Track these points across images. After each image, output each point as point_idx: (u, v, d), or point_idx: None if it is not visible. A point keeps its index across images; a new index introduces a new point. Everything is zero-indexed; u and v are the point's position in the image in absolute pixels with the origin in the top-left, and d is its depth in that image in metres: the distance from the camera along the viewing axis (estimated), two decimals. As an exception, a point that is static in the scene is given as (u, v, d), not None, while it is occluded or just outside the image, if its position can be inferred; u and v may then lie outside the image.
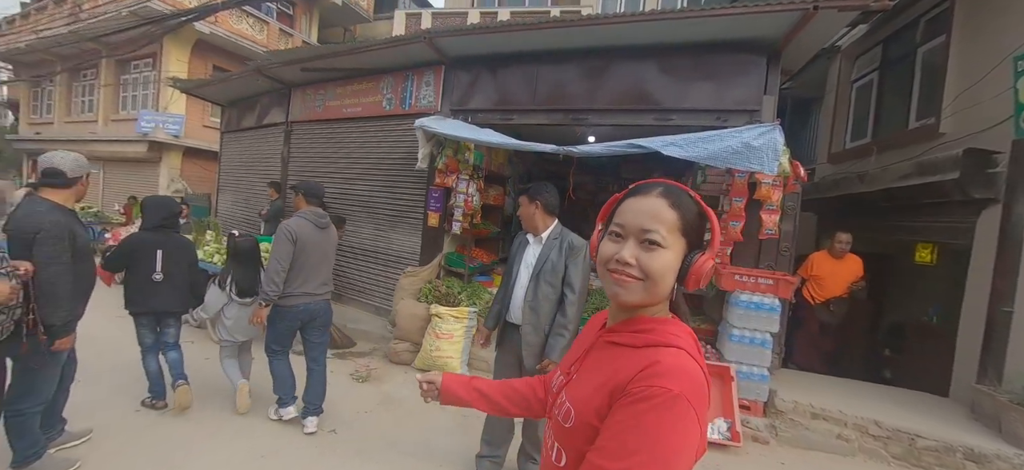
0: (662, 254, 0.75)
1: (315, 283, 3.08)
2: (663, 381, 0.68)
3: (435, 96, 5.17)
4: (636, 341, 0.77)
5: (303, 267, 3.00)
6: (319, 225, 3.11)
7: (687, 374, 0.69)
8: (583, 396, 0.79)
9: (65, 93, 15.01)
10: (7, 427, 2.34)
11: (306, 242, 2.99)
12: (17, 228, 2.19)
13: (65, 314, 2.30)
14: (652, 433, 0.66)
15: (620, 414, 0.70)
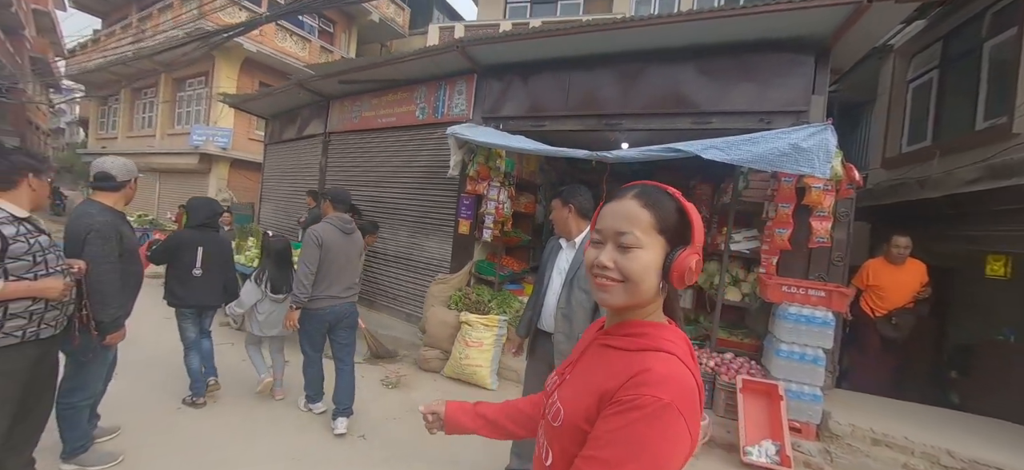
0: (638, 255, 0.75)
1: (340, 287, 3.15)
2: (653, 390, 0.67)
3: (467, 104, 5.20)
4: (629, 345, 0.76)
5: (329, 271, 3.08)
6: (345, 230, 3.19)
7: (678, 382, 0.68)
8: (573, 397, 0.78)
9: (128, 110, 16.22)
10: (59, 418, 2.45)
11: (332, 247, 3.07)
12: (71, 228, 2.32)
13: (114, 311, 2.41)
14: (641, 442, 0.65)
15: (610, 422, 0.68)
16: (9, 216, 1.95)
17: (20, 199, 2.01)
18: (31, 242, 1.98)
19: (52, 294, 2.01)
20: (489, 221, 4.78)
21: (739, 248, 4.16)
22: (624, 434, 0.66)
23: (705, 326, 4.68)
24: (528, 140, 4.35)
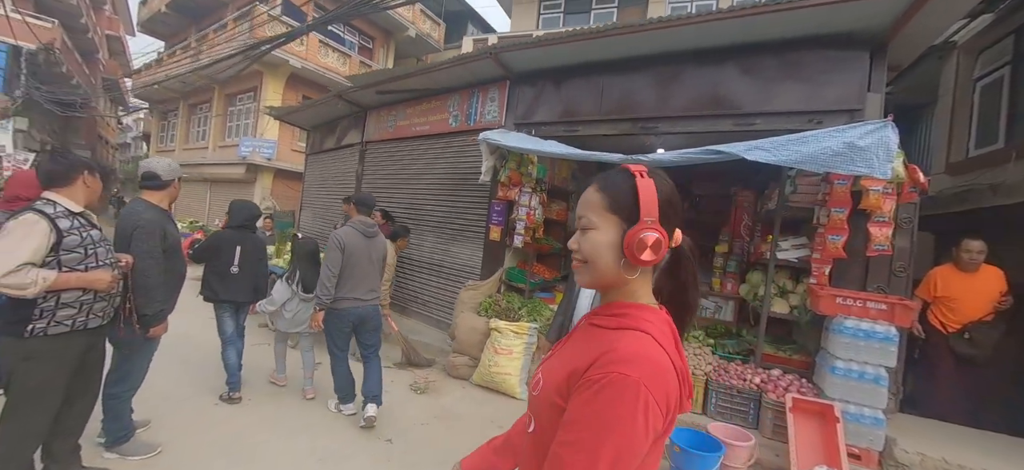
0: (592, 235, 0.78)
1: (363, 289, 3.24)
2: (620, 367, 0.67)
3: (500, 111, 5.19)
4: (608, 324, 0.77)
5: (352, 273, 3.17)
6: (367, 234, 3.28)
7: (646, 359, 0.68)
8: (552, 370, 0.80)
9: (185, 124, 17.37)
10: (104, 408, 2.55)
11: (354, 250, 3.17)
12: (120, 225, 2.44)
13: (158, 304, 2.50)
14: (607, 420, 0.65)
15: (579, 400, 0.69)
16: (66, 210, 2.05)
17: (76, 195, 2.11)
18: (83, 235, 2.08)
19: (101, 286, 2.10)
20: (520, 227, 4.72)
21: (786, 257, 3.89)
22: (591, 411, 0.67)
23: (748, 340, 4.40)
24: (560, 145, 4.28)
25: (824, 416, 3.07)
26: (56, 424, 2.17)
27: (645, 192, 0.76)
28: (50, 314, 1.99)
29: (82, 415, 2.31)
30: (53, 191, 2.07)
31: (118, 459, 2.57)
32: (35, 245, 1.91)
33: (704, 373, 3.72)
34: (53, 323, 2.00)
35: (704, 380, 3.70)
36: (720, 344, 4.29)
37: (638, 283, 0.79)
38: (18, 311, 1.94)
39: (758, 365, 3.81)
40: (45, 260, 1.95)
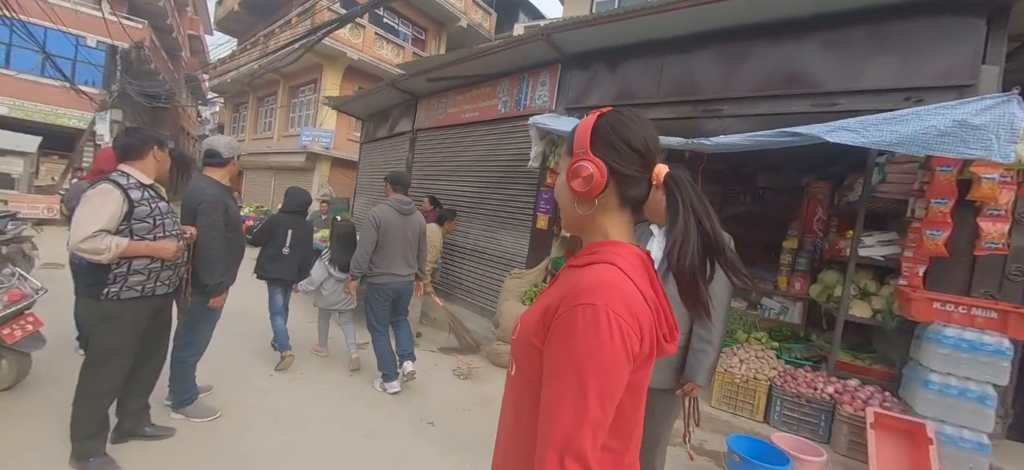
0: (557, 180, 0.84)
1: (400, 264, 3.40)
2: (585, 297, 0.67)
3: (550, 95, 5.03)
4: (581, 261, 0.77)
5: (388, 250, 3.32)
6: (402, 211, 3.40)
7: (608, 285, 0.68)
8: (530, 313, 0.79)
9: (253, 115, 18.60)
10: (171, 371, 2.71)
11: (389, 227, 3.31)
12: (186, 200, 2.56)
13: (219, 276, 2.61)
14: (578, 351, 0.65)
15: (551, 341, 0.70)
16: (137, 182, 2.17)
17: (147, 168, 2.23)
18: (152, 207, 2.19)
19: (167, 255, 2.21)
20: (568, 215, 4.55)
21: (870, 254, 3.45)
22: (566, 350, 0.67)
23: (819, 345, 4.00)
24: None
25: (913, 436, 2.70)
26: (128, 383, 2.32)
27: (580, 127, 0.78)
28: (123, 279, 2.11)
29: (151, 376, 2.46)
30: (127, 164, 2.19)
31: (183, 420, 2.73)
32: (110, 213, 2.02)
33: (767, 378, 3.41)
34: (125, 288, 2.12)
35: (767, 385, 3.39)
36: (785, 348, 3.93)
37: (606, 220, 0.80)
38: (95, 275, 2.08)
39: (831, 373, 3.43)
40: (118, 228, 2.07)
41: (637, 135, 0.76)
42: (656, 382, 1.90)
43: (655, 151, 0.78)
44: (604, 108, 0.81)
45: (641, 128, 0.77)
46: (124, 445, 2.41)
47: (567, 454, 0.63)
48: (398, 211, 3.38)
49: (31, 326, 2.79)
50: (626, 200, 0.79)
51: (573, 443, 0.64)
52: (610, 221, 0.79)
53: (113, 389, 2.20)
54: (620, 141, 0.76)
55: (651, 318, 0.71)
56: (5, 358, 2.77)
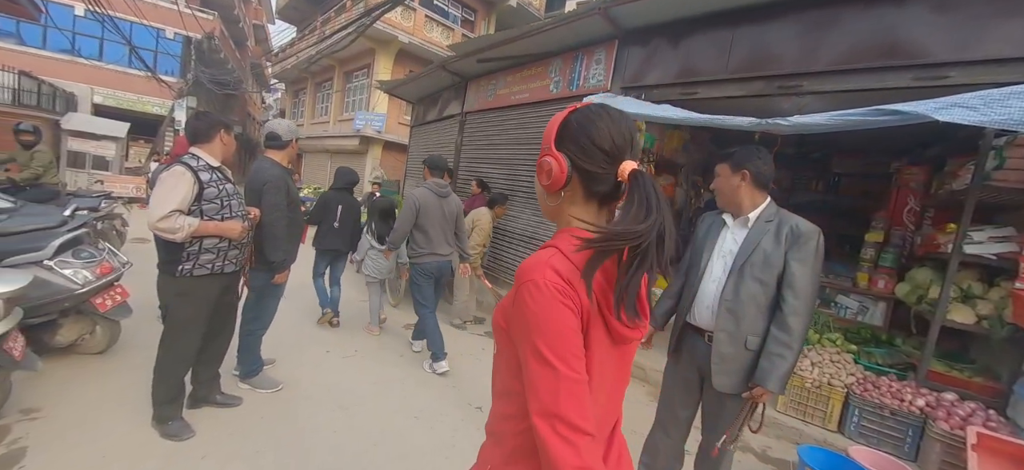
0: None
1: (441, 243, 3.54)
2: (524, 277, 0.74)
3: (605, 74, 4.79)
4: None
5: (428, 231, 3.47)
6: (439, 194, 3.54)
7: (543, 262, 0.74)
8: (507, 297, 0.83)
9: (311, 101, 19.45)
10: (240, 343, 2.87)
11: (428, 209, 3.44)
12: (250, 181, 2.65)
13: (283, 253, 2.71)
14: (531, 325, 0.72)
15: (511, 320, 0.78)
16: (206, 164, 2.26)
17: (214, 151, 2.32)
18: (220, 188, 2.27)
19: (234, 234, 2.29)
20: (622, 201, 4.34)
21: (979, 252, 3.01)
22: (521, 328, 0.74)
23: (905, 351, 3.59)
24: (676, 109, 3.79)
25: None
26: (200, 353, 2.46)
27: (550, 123, 0.82)
28: (195, 257, 2.22)
29: (221, 348, 2.60)
30: (197, 147, 2.28)
31: (249, 390, 2.89)
32: (182, 194, 2.12)
33: (843, 384, 3.10)
34: (197, 266, 2.23)
35: (843, 392, 3.08)
36: (865, 352, 3.56)
37: (573, 211, 0.84)
38: (171, 253, 2.20)
39: (921, 384, 3.06)
40: (190, 208, 2.17)
41: (603, 133, 0.78)
42: (723, 386, 1.74)
43: (623, 147, 0.79)
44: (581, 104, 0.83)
45: (608, 125, 0.79)
46: (198, 411, 2.58)
47: (555, 420, 0.68)
48: (436, 194, 3.52)
49: (119, 296, 3.04)
50: (592, 194, 0.82)
51: (555, 408, 0.69)
52: (577, 212, 0.83)
53: (187, 359, 2.34)
54: (585, 138, 0.79)
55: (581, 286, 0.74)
56: (99, 325, 3.04)
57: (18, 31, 14.97)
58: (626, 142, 0.79)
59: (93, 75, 15.12)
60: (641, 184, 0.75)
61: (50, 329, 2.84)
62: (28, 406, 2.43)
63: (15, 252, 2.64)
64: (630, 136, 0.80)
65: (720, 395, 1.77)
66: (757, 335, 1.69)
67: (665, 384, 2.04)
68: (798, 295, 1.63)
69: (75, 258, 2.81)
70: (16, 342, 2.17)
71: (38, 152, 5.55)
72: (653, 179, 0.77)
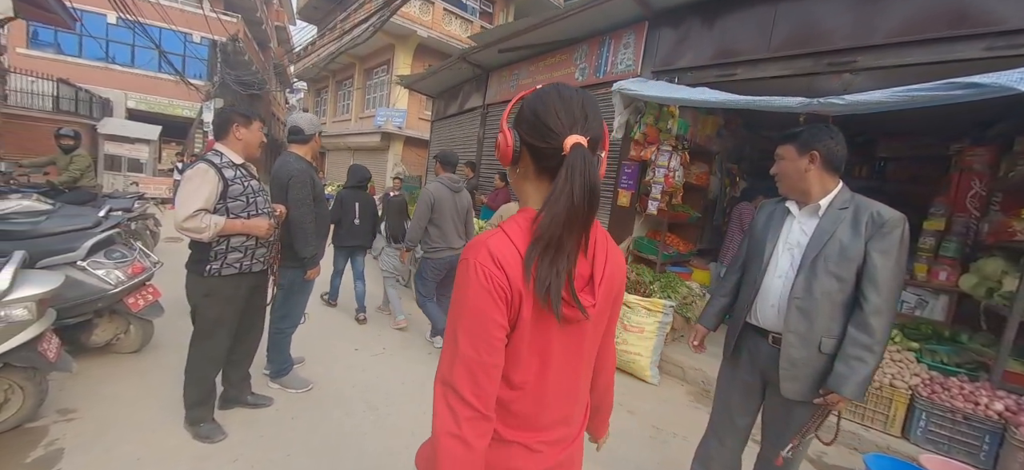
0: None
1: (454, 237, 3.58)
2: (463, 254, 0.80)
3: (635, 58, 4.58)
4: None
5: (442, 225, 3.50)
6: (453, 189, 3.57)
7: (481, 243, 0.78)
8: None
9: (333, 99, 19.67)
10: (269, 342, 2.82)
11: (442, 203, 3.48)
12: (275, 176, 2.58)
13: (312, 249, 2.65)
14: (456, 297, 0.79)
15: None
16: (230, 161, 2.19)
17: (234, 146, 2.24)
18: (245, 185, 2.20)
19: (260, 232, 2.22)
20: (656, 191, 4.15)
21: (1066, 239, 2.71)
22: (451, 302, 0.82)
23: (973, 349, 3.29)
24: (714, 92, 3.57)
25: None
26: (230, 354, 2.42)
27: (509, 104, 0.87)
28: (222, 257, 2.16)
29: (250, 348, 2.56)
30: (220, 144, 2.21)
31: (279, 389, 2.85)
32: (207, 192, 2.05)
33: (908, 385, 2.85)
34: (225, 265, 2.17)
35: (907, 395, 2.83)
36: (927, 350, 3.28)
37: (528, 187, 0.86)
38: (198, 252, 2.14)
39: (997, 386, 2.79)
40: (215, 207, 2.11)
41: (550, 110, 0.79)
42: (793, 392, 1.56)
43: (570, 125, 0.79)
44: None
45: (556, 102, 0.80)
46: (230, 412, 2.54)
47: (447, 388, 0.77)
48: (449, 188, 3.55)
49: (151, 296, 3.04)
50: (543, 170, 0.83)
51: (449, 378, 0.77)
52: (531, 188, 0.86)
53: (217, 360, 2.30)
54: (532, 115, 0.81)
55: (519, 272, 0.76)
56: (132, 324, 3.06)
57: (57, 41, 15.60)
58: (574, 120, 0.79)
59: (126, 81, 15.64)
60: (570, 162, 0.76)
61: (86, 329, 2.87)
62: (65, 406, 2.44)
63: (51, 253, 2.66)
64: (582, 114, 0.80)
65: (787, 402, 1.59)
66: (832, 337, 1.51)
67: (721, 389, 1.87)
68: (880, 291, 1.44)
69: (107, 258, 2.81)
70: (50, 343, 2.16)
71: (77, 156, 5.70)
72: (589, 156, 0.77)
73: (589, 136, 0.79)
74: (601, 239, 0.86)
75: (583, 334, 0.86)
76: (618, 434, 2.82)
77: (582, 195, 0.74)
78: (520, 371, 0.81)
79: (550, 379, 0.84)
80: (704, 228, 5.75)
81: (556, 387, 0.85)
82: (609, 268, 0.85)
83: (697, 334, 2.00)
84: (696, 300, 4.08)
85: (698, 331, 2.01)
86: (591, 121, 0.80)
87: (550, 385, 0.84)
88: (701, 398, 3.45)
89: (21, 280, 1.99)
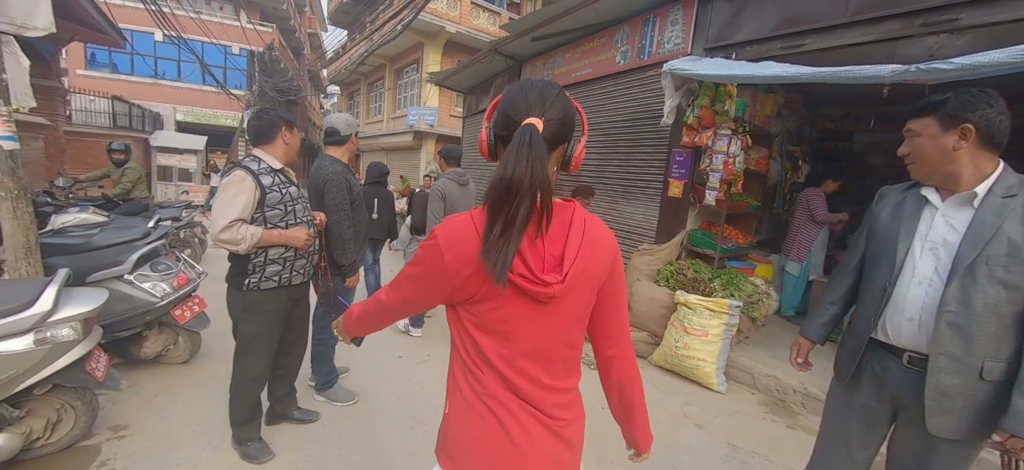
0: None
1: None
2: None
3: (684, 36, 4.21)
4: None
5: None
6: (460, 183, 3.59)
7: (447, 223, 0.88)
8: None
9: (365, 101, 19.96)
10: (313, 354, 2.73)
11: (453, 199, 3.51)
12: (311, 181, 2.46)
13: (351, 255, 2.51)
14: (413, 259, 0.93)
15: None
16: (268, 167, 2.07)
17: (277, 152, 2.12)
18: (283, 192, 2.08)
19: (299, 243, 2.09)
20: (714, 180, 3.79)
21: None
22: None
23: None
24: (783, 66, 3.18)
25: None
26: (274, 368, 2.32)
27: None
28: (261, 270, 2.04)
29: (295, 363, 2.45)
30: (259, 149, 2.09)
31: (325, 402, 2.75)
32: (244, 201, 1.94)
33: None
34: (264, 279, 2.05)
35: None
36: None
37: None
38: (237, 265, 2.04)
39: None
40: (252, 217, 1.99)
41: (511, 102, 0.86)
42: (942, 428, 1.25)
43: (524, 110, 0.84)
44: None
45: (517, 94, 0.86)
46: (277, 428, 2.46)
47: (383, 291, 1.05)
48: (457, 182, 3.57)
49: (197, 307, 3.01)
50: None
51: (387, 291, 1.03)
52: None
53: (259, 376, 2.19)
54: (499, 109, 0.89)
55: (476, 248, 0.83)
56: (181, 335, 3.04)
57: (112, 61, 16.59)
58: (531, 105, 0.84)
59: (174, 95, 16.44)
60: (514, 139, 0.80)
61: (136, 342, 2.87)
62: (117, 422, 2.42)
63: (99, 267, 2.65)
64: (539, 100, 0.84)
65: (931, 439, 1.28)
66: (1000, 360, 1.18)
67: (833, 415, 1.56)
68: None
69: (153, 271, 2.79)
70: (99, 361, 2.12)
71: (128, 168, 5.90)
72: (536, 133, 0.79)
73: (545, 118, 0.83)
74: (578, 222, 0.88)
75: (558, 313, 0.87)
76: (689, 451, 2.56)
77: (524, 166, 0.77)
78: (492, 341, 0.88)
79: (523, 352, 0.88)
80: (763, 218, 5.30)
81: (532, 363, 0.89)
82: (586, 250, 0.86)
83: (801, 349, 1.69)
84: (762, 298, 3.71)
85: (802, 345, 1.70)
86: (549, 107, 0.84)
87: (524, 359, 0.88)
88: (776, 409, 3.10)
89: (65, 299, 1.94)
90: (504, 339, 0.87)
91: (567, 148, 0.89)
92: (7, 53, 2.55)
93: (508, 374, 0.88)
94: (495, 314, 0.85)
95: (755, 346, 3.79)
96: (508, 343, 0.87)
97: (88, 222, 4.00)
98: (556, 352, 0.91)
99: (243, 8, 16.51)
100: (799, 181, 5.43)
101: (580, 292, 0.88)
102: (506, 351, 0.87)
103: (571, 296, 0.86)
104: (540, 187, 0.78)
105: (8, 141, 2.53)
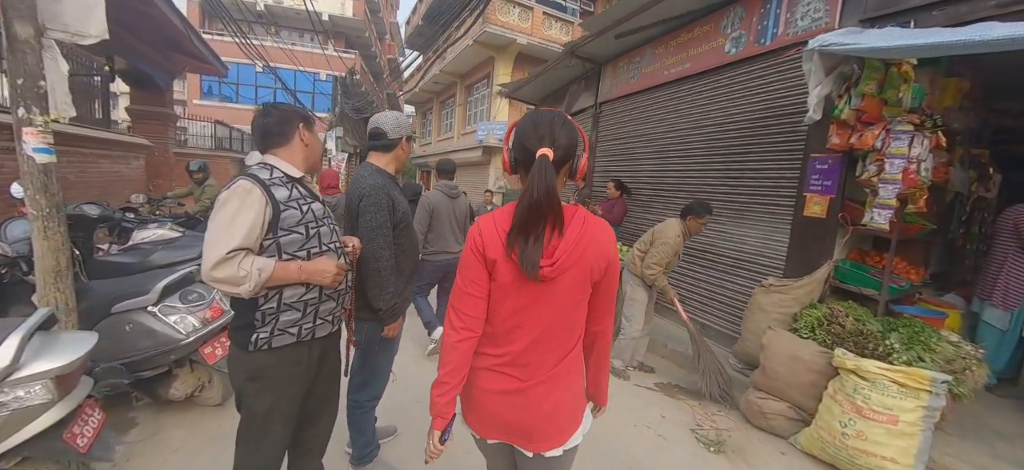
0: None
1: (450, 241, 3.63)
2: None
3: (829, 7, 3.22)
4: None
5: (440, 230, 3.58)
6: (450, 195, 3.64)
7: (480, 218, 1.17)
8: None
9: (437, 119, 20.30)
10: (348, 419, 2.14)
11: (440, 210, 3.55)
12: (347, 197, 1.89)
13: (391, 296, 1.90)
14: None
15: None
16: (283, 175, 1.53)
17: (293, 156, 1.58)
18: (304, 209, 1.52)
19: (325, 279, 1.52)
20: (888, 193, 2.72)
21: None
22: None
23: None
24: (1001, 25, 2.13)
25: None
26: (295, 445, 1.75)
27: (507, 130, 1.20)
28: (273, 319, 1.48)
29: (322, 434, 1.86)
30: (270, 153, 1.56)
31: (364, 479, 2.15)
32: (250, 222, 1.39)
33: None
34: (276, 331, 1.49)
35: None
36: None
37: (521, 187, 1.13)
38: (240, 315, 1.49)
39: None
40: (262, 244, 1.44)
41: (523, 133, 1.12)
42: None
43: (537, 141, 1.09)
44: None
45: (530, 126, 1.11)
46: (300, 516, 1.88)
47: (451, 309, 1.19)
48: (447, 195, 3.63)
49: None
50: (526, 175, 1.10)
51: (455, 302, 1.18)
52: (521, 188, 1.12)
53: (271, 464, 1.62)
54: (515, 138, 1.15)
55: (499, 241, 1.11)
56: (214, 375, 2.65)
57: (221, 91, 18.51)
58: (542, 137, 1.09)
59: (268, 119, 17.86)
60: (533, 168, 1.07)
61: (164, 381, 2.50)
62: (125, 488, 2.00)
63: (126, 296, 2.32)
64: (549, 132, 1.09)
65: None
66: None
67: None
68: None
69: (182, 302, 2.41)
70: (85, 424, 1.69)
71: (209, 186, 6.02)
72: (548, 164, 1.06)
73: (555, 147, 1.07)
74: (578, 222, 1.10)
75: (554, 293, 1.11)
76: None
77: (540, 192, 1.04)
78: (498, 312, 1.15)
79: (521, 321, 1.14)
80: (932, 245, 3.99)
81: (530, 330, 1.14)
82: (581, 245, 1.09)
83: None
84: (970, 365, 2.54)
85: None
86: (557, 136, 1.08)
87: (521, 326, 1.14)
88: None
89: (38, 349, 1.52)
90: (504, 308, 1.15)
91: (572, 163, 1.14)
92: (48, 59, 2.34)
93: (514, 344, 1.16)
94: (499, 292, 1.15)
95: (959, 436, 2.62)
96: (507, 312, 1.15)
97: (164, 239, 3.90)
98: (551, 327, 1.14)
99: (330, 37, 17.62)
100: (985, 196, 4.05)
101: (573, 276, 1.10)
102: (507, 317, 1.15)
103: (564, 279, 1.10)
104: (553, 206, 1.06)
105: (43, 154, 2.29)
